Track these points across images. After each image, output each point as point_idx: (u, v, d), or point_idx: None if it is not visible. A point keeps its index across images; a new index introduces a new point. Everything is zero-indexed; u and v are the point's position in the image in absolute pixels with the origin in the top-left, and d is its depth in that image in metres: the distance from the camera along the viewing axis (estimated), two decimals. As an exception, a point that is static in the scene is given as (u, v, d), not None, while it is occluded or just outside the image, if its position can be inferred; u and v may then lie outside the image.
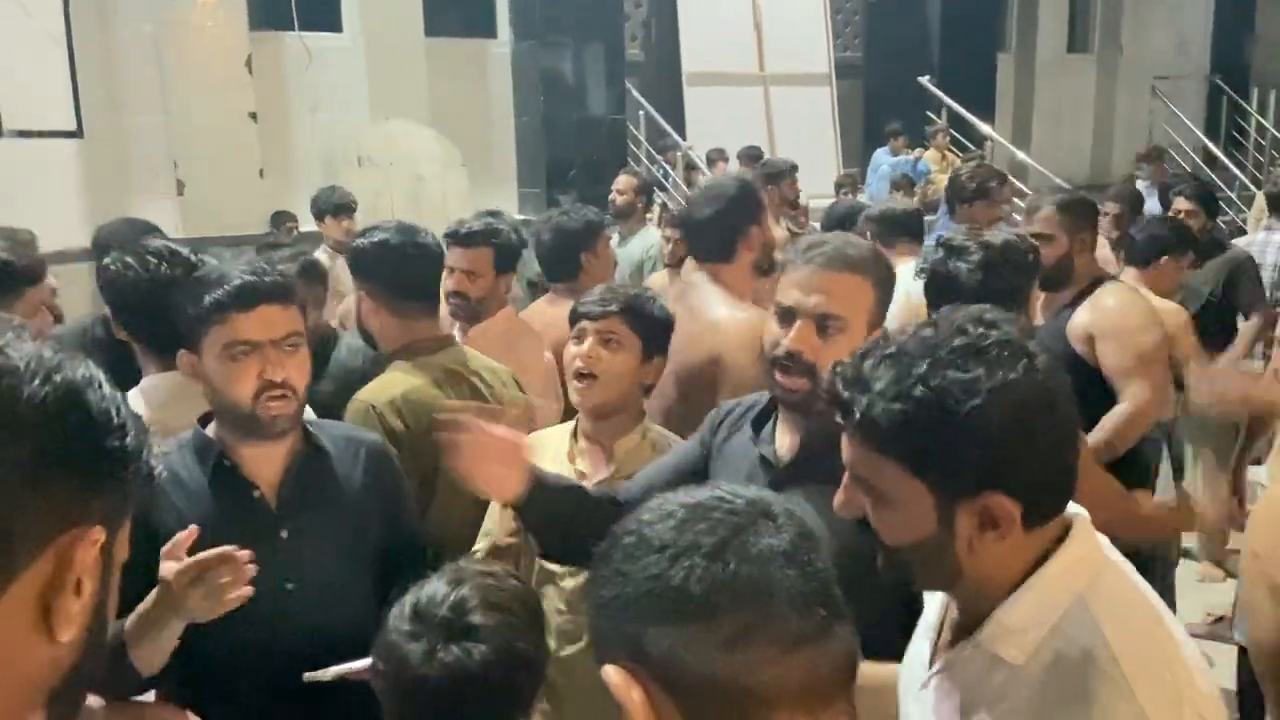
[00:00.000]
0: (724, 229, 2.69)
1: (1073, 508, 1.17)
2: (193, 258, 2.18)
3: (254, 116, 7.59)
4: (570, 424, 2.17)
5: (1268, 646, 1.54)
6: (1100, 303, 2.97)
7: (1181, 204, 4.83)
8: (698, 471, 1.83)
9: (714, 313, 2.59)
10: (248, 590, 1.55)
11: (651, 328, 2.08)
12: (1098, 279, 3.07)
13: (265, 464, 1.80)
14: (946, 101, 10.67)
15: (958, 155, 10.12)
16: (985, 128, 10.17)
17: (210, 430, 1.82)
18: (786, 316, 1.70)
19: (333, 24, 8.50)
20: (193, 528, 1.57)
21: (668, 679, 0.80)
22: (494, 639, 1.37)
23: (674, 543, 0.82)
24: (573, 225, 3.24)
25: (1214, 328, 4.38)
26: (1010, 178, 9.02)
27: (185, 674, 1.69)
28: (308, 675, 1.67)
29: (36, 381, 0.72)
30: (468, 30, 9.23)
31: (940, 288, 2.29)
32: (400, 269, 2.39)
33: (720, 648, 0.79)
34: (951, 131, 10.49)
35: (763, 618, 0.79)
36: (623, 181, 5.67)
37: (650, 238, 5.38)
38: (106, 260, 2.24)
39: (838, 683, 0.83)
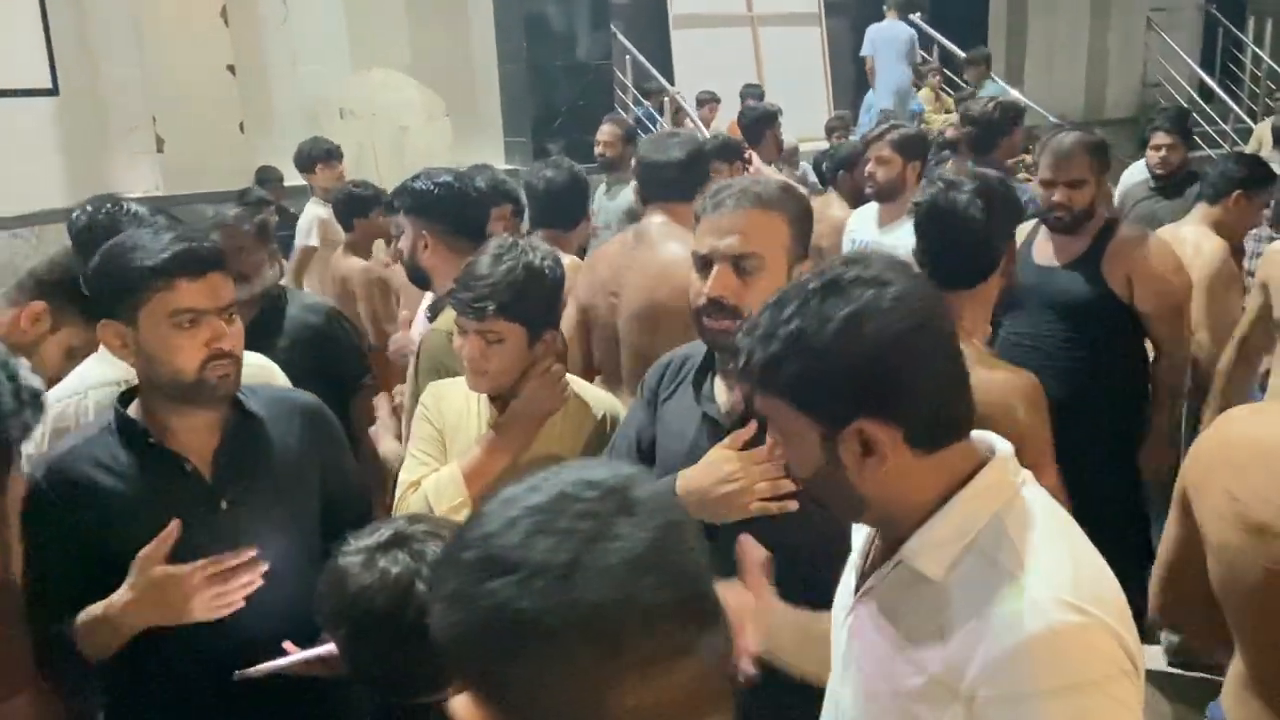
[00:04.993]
0: (694, 171, 2.75)
1: (1000, 444, 1.22)
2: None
3: (232, 70, 7.44)
4: None
5: (1248, 584, 1.52)
6: (1130, 247, 3.00)
7: (1160, 139, 4.70)
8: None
9: (675, 252, 2.59)
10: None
11: (534, 310, 2.00)
12: (1110, 221, 3.09)
13: (195, 436, 1.75)
14: (938, 39, 10.50)
15: (950, 94, 9.98)
16: (1014, 91, 10.00)
17: (133, 409, 1.76)
18: (704, 265, 1.71)
19: (310, -27, 8.31)
20: (173, 525, 1.57)
21: (522, 711, 0.76)
22: (436, 549, 1.39)
23: (522, 562, 0.74)
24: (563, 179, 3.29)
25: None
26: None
27: (133, 656, 1.66)
28: (238, 674, 1.64)
29: None
30: (449, -24, 9.05)
31: (942, 220, 2.24)
32: (462, 210, 2.52)
33: (576, 678, 0.74)
34: (944, 70, 10.34)
35: (619, 642, 0.74)
36: (607, 131, 5.50)
37: (637, 187, 5.29)
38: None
39: (705, 696, 0.78)
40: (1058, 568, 1.11)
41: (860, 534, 1.33)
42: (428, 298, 2.75)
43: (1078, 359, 3.03)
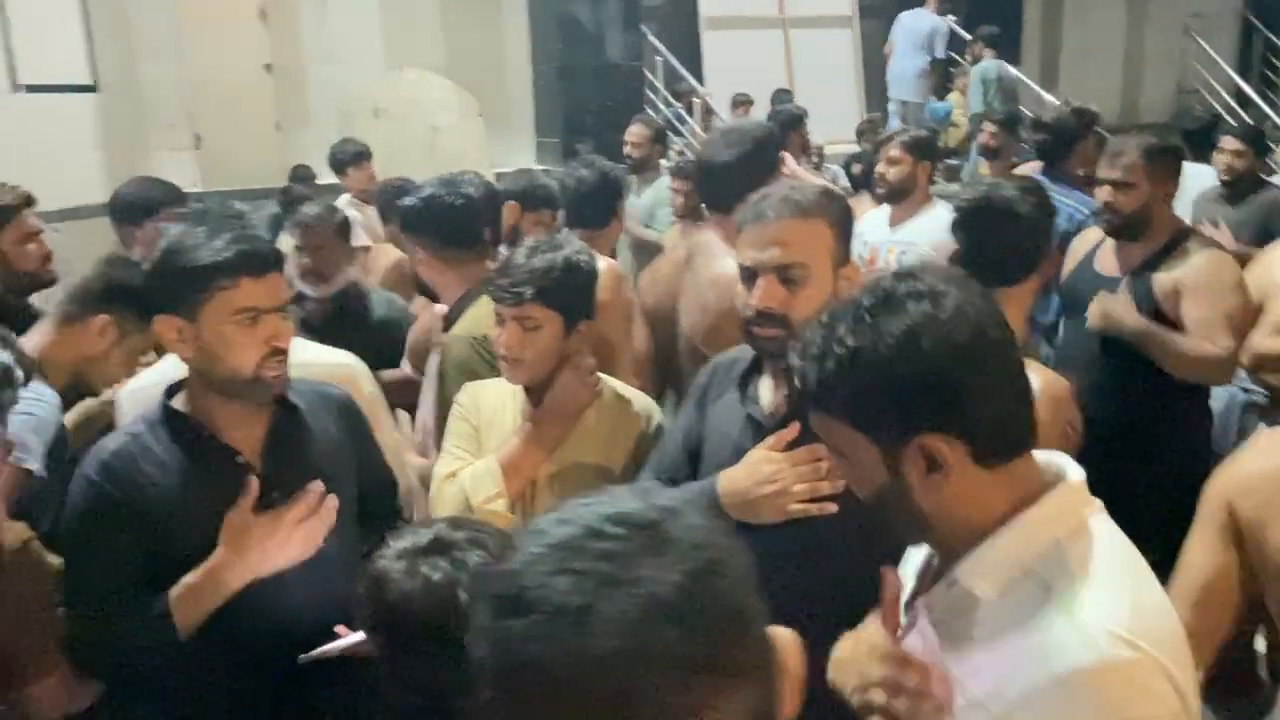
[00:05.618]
0: (745, 175, 2.58)
1: (1072, 470, 1.18)
2: None
3: (269, 68, 7.52)
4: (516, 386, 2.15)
5: None
6: (1189, 257, 2.82)
7: (1229, 143, 4.63)
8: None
9: (726, 270, 2.49)
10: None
11: (570, 299, 2.03)
12: (1180, 232, 2.93)
13: (244, 429, 1.78)
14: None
15: (983, 98, 9.89)
16: (1012, 69, 9.95)
17: (179, 402, 1.79)
18: (750, 277, 1.72)
19: (346, -28, 8.38)
20: (317, 484, 1.71)
21: None
22: (478, 557, 1.37)
23: (539, 603, 0.70)
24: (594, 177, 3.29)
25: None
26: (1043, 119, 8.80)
27: (189, 645, 1.68)
28: (303, 657, 1.66)
29: None
30: (483, -23, 9.09)
31: (994, 215, 2.25)
32: (447, 222, 2.51)
33: None
34: (976, 73, 10.25)
35: (628, 697, 0.68)
36: (635, 132, 5.52)
37: (662, 187, 5.27)
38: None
39: None
40: (1114, 600, 1.06)
41: (913, 562, 1.30)
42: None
43: (1122, 371, 2.85)
